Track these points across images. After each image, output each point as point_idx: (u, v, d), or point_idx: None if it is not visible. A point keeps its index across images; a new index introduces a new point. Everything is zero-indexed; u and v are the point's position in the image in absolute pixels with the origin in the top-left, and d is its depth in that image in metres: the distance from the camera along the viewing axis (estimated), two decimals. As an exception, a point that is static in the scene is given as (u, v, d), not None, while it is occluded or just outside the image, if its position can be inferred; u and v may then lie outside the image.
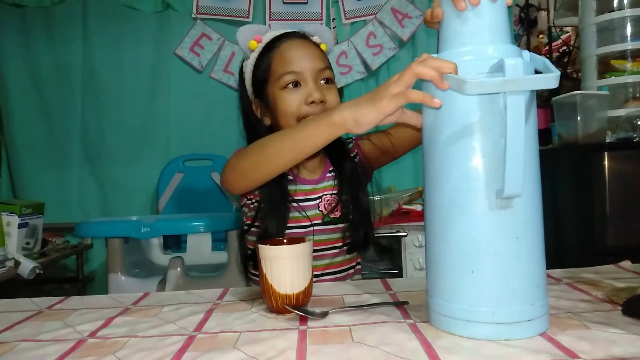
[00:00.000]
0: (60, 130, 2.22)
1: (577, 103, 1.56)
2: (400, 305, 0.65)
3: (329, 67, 0.92)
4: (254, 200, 0.92)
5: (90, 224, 1.70)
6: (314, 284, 0.69)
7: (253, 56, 0.93)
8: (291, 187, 0.92)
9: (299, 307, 0.62)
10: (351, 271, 0.97)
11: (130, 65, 2.25)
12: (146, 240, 1.85)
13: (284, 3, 2.24)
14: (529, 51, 0.56)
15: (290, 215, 0.90)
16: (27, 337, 0.60)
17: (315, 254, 0.88)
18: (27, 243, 1.56)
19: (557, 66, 0.54)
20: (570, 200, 1.56)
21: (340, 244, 0.94)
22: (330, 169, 0.97)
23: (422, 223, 1.96)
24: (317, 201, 0.93)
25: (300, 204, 0.92)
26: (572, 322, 0.55)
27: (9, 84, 2.19)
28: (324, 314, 0.61)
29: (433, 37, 2.27)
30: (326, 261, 0.93)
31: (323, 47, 0.96)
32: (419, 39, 2.26)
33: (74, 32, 2.21)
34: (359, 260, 1.01)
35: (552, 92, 1.82)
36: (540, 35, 2.45)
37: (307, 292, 0.65)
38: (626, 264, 0.82)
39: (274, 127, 0.93)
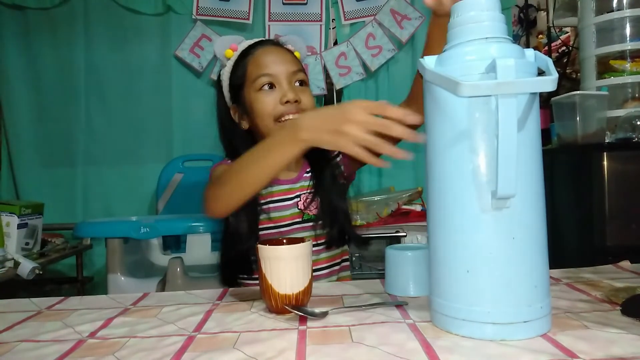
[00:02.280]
0: (62, 131, 2.23)
1: (576, 103, 1.56)
2: (399, 305, 0.65)
3: (303, 70, 0.96)
4: None
5: (89, 225, 1.70)
6: (313, 284, 0.69)
7: (229, 64, 0.97)
8: (268, 190, 0.95)
9: (299, 307, 0.63)
10: (336, 267, 0.99)
11: (132, 66, 2.25)
12: (146, 240, 1.85)
13: (284, 4, 2.24)
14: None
15: (270, 216, 0.94)
16: (27, 338, 0.60)
17: None
18: (27, 243, 1.56)
19: (556, 66, 0.54)
20: (569, 200, 1.57)
21: (323, 241, 0.96)
22: (308, 169, 1.00)
23: (422, 223, 1.97)
24: (296, 200, 0.96)
25: (278, 204, 0.95)
26: (572, 322, 0.55)
27: (12, 85, 2.20)
28: (324, 314, 0.61)
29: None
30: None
31: (297, 54, 1.00)
32: (417, 40, 2.26)
33: (76, 33, 2.21)
34: (346, 257, 1.02)
35: (551, 93, 1.82)
36: (540, 36, 2.45)
37: (306, 292, 0.65)
38: (625, 264, 0.83)
39: (252, 131, 0.96)
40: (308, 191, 0.96)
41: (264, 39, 1.00)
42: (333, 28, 2.31)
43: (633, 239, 1.38)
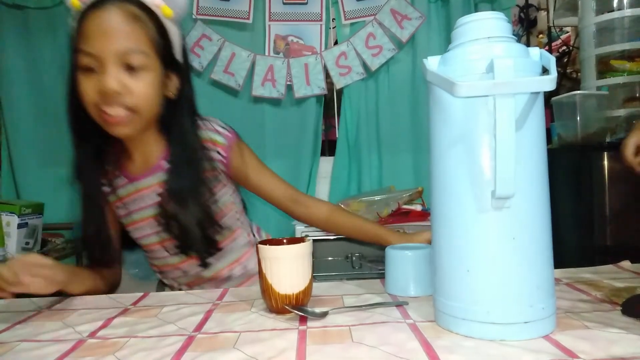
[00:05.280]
0: (62, 130, 2.21)
1: (576, 103, 1.56)
2: (399, 305, 0.65)
3: (144, 50, 0.75)
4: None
5: (90, 225, 1.70)
6: (314, 283, 0.69)
7: (75, 17, 0.77)
8: (126, 190, 0.87)
9: (299, 307, 0.63)
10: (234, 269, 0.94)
11: (131, 65, 2.25)
12: (146, 240, 1.85)
13: (284, 4, 2.24)
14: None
15: (133, 217, 0.87)
16: (27, 338, 0.60)
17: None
18: (27, 243, 1.56)
19: (556, 66, 0.54)
20: (569, 200, 1.57)
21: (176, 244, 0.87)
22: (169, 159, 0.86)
23: (422, 223, 1.97)
24: (153, 198, 0.86)
25: (137, 205, 0.87)
26: (572, 322, 0.55)
27: (12, 85, 2.19)
28: (324, 314, 0.61)
29: (432, 39, 2.27)
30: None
31: (166, 11, 0.77)
32: (418, 40, 2.26)
33: (75, 33, 2.21)
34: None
35: (552, 92, 1.83)
36: (540, 35, 2.45)
37: (306, 292, 0.65)
38: (625, 264, 0.83)
39: None
40: (165, 187, 0.84)
41: None
42: (333, 28, 2.31)
43: (633, 239, 1.38)
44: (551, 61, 0.53)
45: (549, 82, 0.48)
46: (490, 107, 0.49)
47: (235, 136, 0.93)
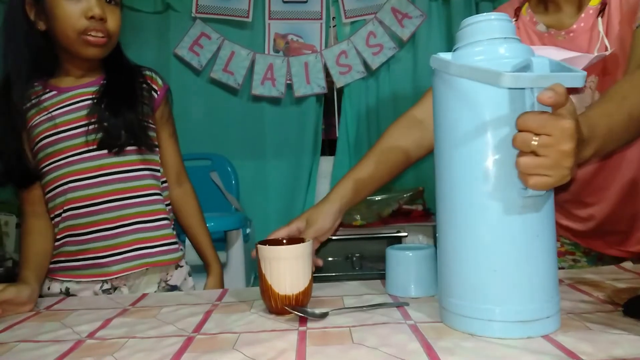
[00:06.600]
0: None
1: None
2: (400, 306, 0.65)
3: None
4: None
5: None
6: (314, 284, 0.69)
7: None
8: (57, 98, 0.91)
9: (299, 308, 0.62)
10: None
11: (131, 64, 2.24)
12: (145, 239, 1.84)
13: (284, 2, 2.23)
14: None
15: (56, 122, 0.89)
16: (26, 338, 0.60)
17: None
18: (26, 243, 1.56)
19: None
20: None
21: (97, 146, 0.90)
22: (104, 79, 0.94)
23: (423, 223, 1.95)
24: (83, 103, 0.91)
25: (65, 108, 0.90)
26: (574, 323, 0.55)
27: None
28: (324, 315, 0.61)
29: (433, 38, 2.27)
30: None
31: None
32: (419, 39, 2.26)
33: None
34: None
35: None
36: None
37: (306, 292, 0.65)
38: (627, 264, 0.82)
39: (51, 35, 0.87)
40: (100, 91, 0.91)
41: None
42: (334, 26, 2.30)
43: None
44: (561, 62, 0.53)
45: (581, 79, 0.48)
46: (521, 104, 0.49)
47: (168, 89, 1.03)
